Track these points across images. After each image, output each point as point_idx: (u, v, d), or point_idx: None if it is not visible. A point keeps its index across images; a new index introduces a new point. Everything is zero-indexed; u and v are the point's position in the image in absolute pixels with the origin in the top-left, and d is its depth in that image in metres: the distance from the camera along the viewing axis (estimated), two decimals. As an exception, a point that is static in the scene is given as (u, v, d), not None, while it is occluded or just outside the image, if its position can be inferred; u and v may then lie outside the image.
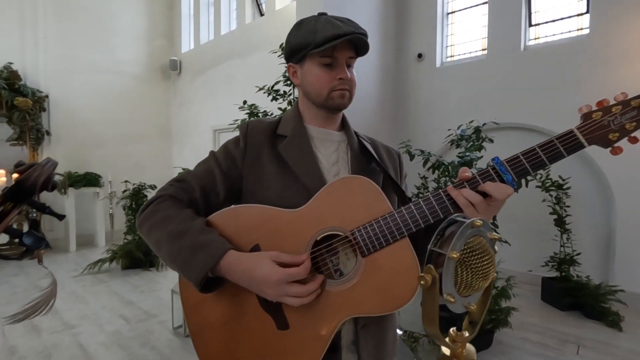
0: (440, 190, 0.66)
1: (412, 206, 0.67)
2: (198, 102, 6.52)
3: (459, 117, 3.61)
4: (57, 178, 0.58)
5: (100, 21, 6.19)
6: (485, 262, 0.58)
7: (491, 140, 2.89)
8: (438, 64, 4.61)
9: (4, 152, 5.29)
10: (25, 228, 0.70)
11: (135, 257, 4.44)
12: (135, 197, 4.65)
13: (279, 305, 0.69)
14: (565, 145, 0.60)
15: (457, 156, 2.87)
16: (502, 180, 0.63)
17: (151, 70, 6.83)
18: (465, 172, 0.66)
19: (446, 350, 0.63)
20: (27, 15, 5.49)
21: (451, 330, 0.63)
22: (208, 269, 0.65)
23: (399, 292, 0.65)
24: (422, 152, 2.98)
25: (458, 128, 3.03)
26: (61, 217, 0.65)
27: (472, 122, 3.05)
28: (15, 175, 0.56)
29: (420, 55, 4.68)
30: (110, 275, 4.29)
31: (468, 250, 0.57)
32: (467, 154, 2.73)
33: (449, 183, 2.84)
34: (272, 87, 3.24)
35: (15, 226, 0.56)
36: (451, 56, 4.66)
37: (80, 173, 5.53)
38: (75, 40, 5.88)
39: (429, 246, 0.59)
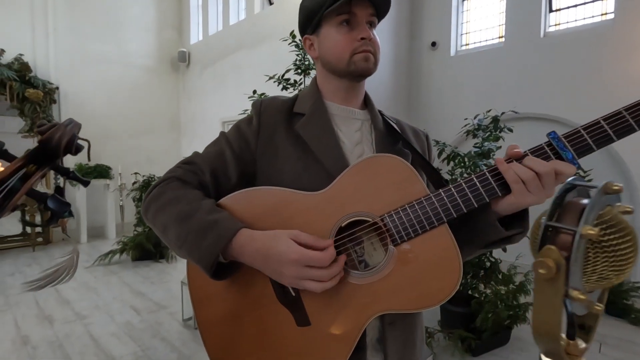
0: (484, 170, 0.58)
1: (452, 188, 0.59)
2: (207, 94, 6.48)
3: (474, 107, 3.48)
4: (81, 142, 0.54)
5: (110, 13, 6.16)
6: (626, 246, 0.40)
7: (510, 130, 2.78)
8: (452, 52, 4.47)
9: (16, 145, 5.32)
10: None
11: (145, 249, 4.45)
12: (145, 189, 4.64)
13: (299, 298, 0.63)
14: (637, 117, 0.51)
15: (473, 146, 2.77)
16: (561, 159, 0.55)
17: (160, 62, 6.80)
18: (515, 149, 0.57)
19: None
20: (37, 7, 5.47)
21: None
22: (219, 249, 0.59)
23: (438, 286, 0.57)
24: (437, 142, 2.88)
25: (475, 117, 2.92)
26: (86, 182, 0.60)
27: (489, 111, 2.94)
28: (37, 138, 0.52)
29: (434, 44, 4.55)
30: (121, 267, 4.30)
31: (604, 227, 0.41)
32: (485, 144, 2.62)
33: (465, 175, 2.74)
34: (283, 75, 3.16)
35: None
36: (466, 44, 4.51)
37: (91, 165, 5.54)
38: (85, 32, 5.86)
39: (542, 220, 0.43)
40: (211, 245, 0.59)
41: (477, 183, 0.58)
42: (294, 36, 3.11)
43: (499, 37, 4.20)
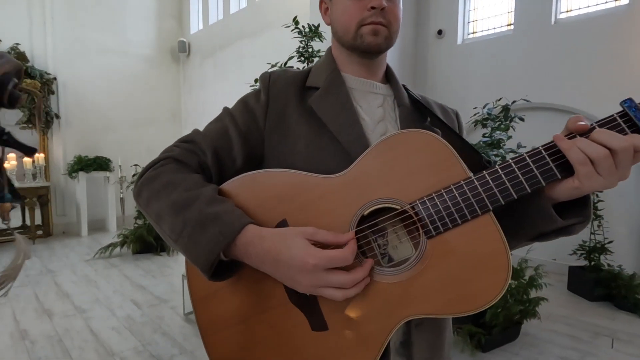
0: (539, 147, 0.48)
1: (499, 170, 0.49)
2: (208, 84, 6.37)
3: (482, 98, 3.38)
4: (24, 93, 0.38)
5: (108, 1, 6.02)
6: None
7: (521, 119, 2.68)
8: (459, 41, 4.35)
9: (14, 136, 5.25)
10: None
11: (146, 242, 4.39)
12: (146, 181, 4.57)
13: (314, 298, 0.54)
14: None
15: (482, 137, 2.68)
16: (638, 132, 0.45)
17: (160, 52, 6.68)
18: (579, 121, 0.46)
19: None
20: (34, -5, 5.36)
21: None
22: (220, 249, 0.50)
23: (481, 288, 0.48)
24: (446, 132, 2.78)
25: (484, 107, 2.82)
26: (30, 149, 0.47)
27: (499, 100, 2.84)
28: None
29: (440, 32, 4.42)
30: (121, 260, 4.25)
31: None
32: (497, 133, 2.53)
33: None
34: (285, 63, 3.06)
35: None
36: (473, 32, 4.38)
37: (91, 157, 5.46)
38: (82, 21, 5.74)
39: None
40: (210, 243, 0.50)
41: (531, 163, 0.48)
42: (296, 22, 3.01)
43: (508, 25, 4.07)
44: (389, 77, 0.71)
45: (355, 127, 0.61)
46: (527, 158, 0.49)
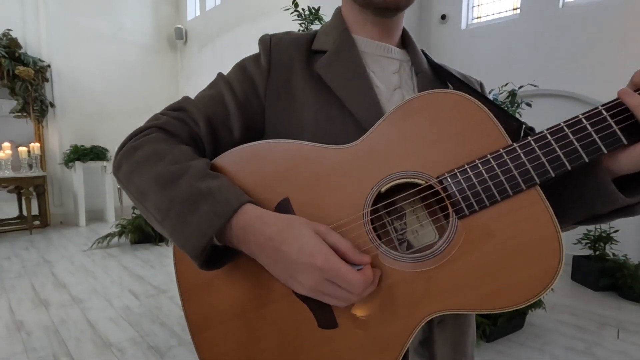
0: (599, 107, 0.40)
1: (548, 135, 0.41)
2: (206, 72, 6.24)
3: (487, 83, 3.26)
4: None
5: (102, -14, 5.87)
6: None
7: (529, 104, 2.60)
8: (463, 26, 4.23)
9: (9, 126, 5.16)
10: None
11: (144, 232, 4.34)
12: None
13: None
14: None
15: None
16: None
17: (157, 39, 6.54)
18: None
19: None
20: (25, -21, 5.20)
21: None
22: (213, 231, 0.42)
23: (526, 277, 0.40)
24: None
25: (490, 92, 2.73)
26: None
27: (506, 85, 2.75)
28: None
29: (443, 17, 4.30)
30: (119, 250, 4.20)
31: None
32: (504, 119, 2.45)
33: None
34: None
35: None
36: (478, 17, 4.26)
37: (87, 146, 5.37)
38: (76, 6, 5.58)
39: None
40: (202, 224, 0.43)
41: (589, 127, 0.40)
42: (296, 5, 2.90)
43: (514, 9, 3.96)
44: (405, 41, 0.63)
45: (369, 95, 0.53)
46: (583, 120, 0.40)
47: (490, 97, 2.86)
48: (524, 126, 0.51)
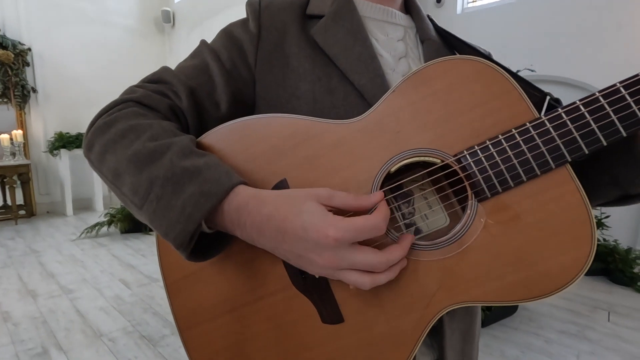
0: (638, 74, 0.36)
1: (582, 106, 0.37)
2: (195, 57, 6.07)
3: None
4: None
5: (84, -35, 5.61)
6: None
7: (526, 90, 2.57)
8: (459, 10, 4.16)
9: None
10: None
11: (135, 220, 4.24)
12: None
13: (325, 281, 0.42)
14: None
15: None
16: None
17: (143, 22, 6.31)
18: None
19: None
20: (2, -43, 4.94)
21: None
22: (202, 215, 0.36)
23: (554, 265, 0.37)
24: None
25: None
26: None
27: (503, 70, 2.71)
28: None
29: (439, 1, 4.22)
30: (109, 239, 4.12)
31: None
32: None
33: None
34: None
35: None
36: (473, 1, 4.19)
37: (73, 134, 5.21)
38: (57, -13, 5.35)
39: None
40: (188, 207, 0.36)
41: (627, 96, 0.36)
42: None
43: (510, -7, 3.89)
44: (409, 6, 0.57)
45: (372, 64, 0.47)
46: (622, 89, 0.36)
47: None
48: (547, 98, 0.47)
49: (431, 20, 0.57)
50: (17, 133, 4.89)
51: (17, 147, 4.89)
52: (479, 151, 0.39)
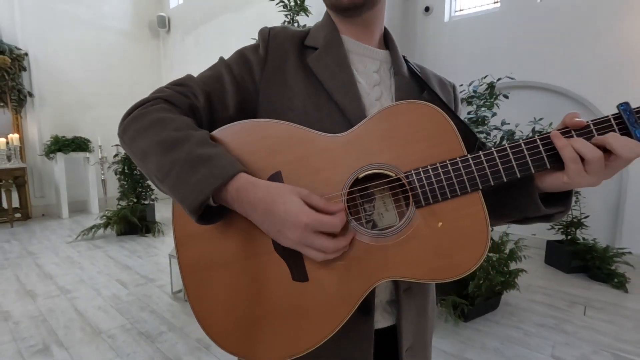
0: (536, 136, 0.51)
1: (495, 152, 0.52)
2: (190, 61, 6.16)
3: (468, 75, 3.38)
4: None
5: (80, -29, 5.69)
6: None
7: (506, 96, 2.71)
8: (446, 18, 4.31)
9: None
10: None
11: (130, 223, 4.32)
12: (128, 162, 4.44)
13: (299, 252, 0.55)
14: None
15: (467, 114, 2.70)
16: (628, 135, 0.48)
17: (138, 27, 6.40)
18: (575, 117, 0.50)
19: None
20: (-2, -37, 5.00)
21: None
22: (211, 190, 0.48)
23: (460, 259, 0.52)
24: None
25: (470, 84, 2.83)
26: None
27: (485, 77, 2.85)
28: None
29: (427, 9, 4.36)
30: (105, 241, 4.18)
31: None
32: (483, 108, 2.55)
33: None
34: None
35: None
36: (460, 10, 4.34)
37: (68, 137, 5.27)
38: (53, -8, 5.41)
39: None
40: (201, 182, 0.48)
41: (525, 150, 0.51)
42: (282, -6, 2.91)
43: (495, 2, 4.05)
44: (388, 43, 0.70)
45: (351, 88, 0.61)
46: (522, 145, 0.51)
47: (470, 89, 2.94)
48: (478, 141, 0.63)
49: (406, 60, 0.70)
50: (13, 137, 4.95)
51: (12, 150, 4.94)
52: (422, 172, 0.53)
